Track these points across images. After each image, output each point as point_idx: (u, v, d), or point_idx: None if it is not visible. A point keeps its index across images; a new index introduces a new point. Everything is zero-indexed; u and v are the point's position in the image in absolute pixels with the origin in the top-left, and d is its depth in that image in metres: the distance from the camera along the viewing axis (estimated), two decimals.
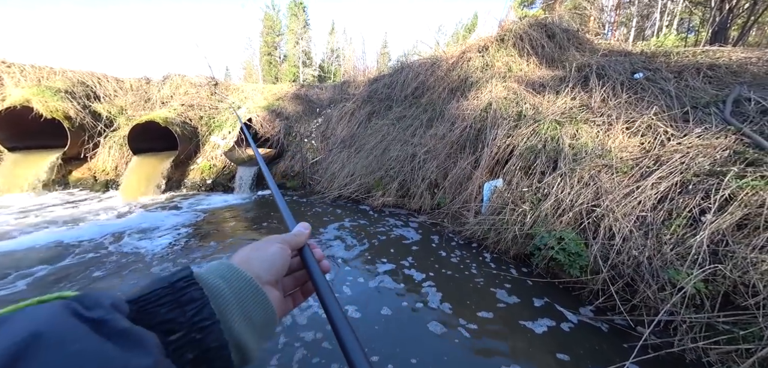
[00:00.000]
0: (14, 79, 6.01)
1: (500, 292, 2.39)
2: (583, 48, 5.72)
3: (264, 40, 33.39)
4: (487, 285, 2.50)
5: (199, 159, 6.32)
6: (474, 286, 2.50)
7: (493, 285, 2.49)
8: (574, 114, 3.82)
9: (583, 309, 2.18)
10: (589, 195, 2.66)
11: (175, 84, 7.46)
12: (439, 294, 2.36)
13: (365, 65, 17.81)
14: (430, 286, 2.48)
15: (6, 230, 3.56)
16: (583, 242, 2.47)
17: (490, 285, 2.51)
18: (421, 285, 2.51)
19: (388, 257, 3.04)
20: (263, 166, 0.66)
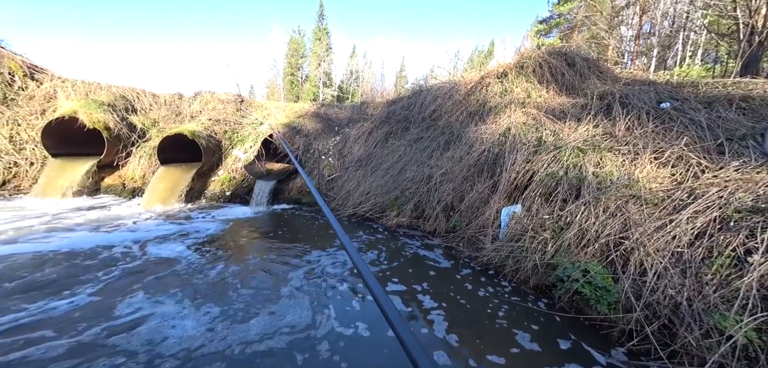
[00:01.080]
0: (66, 92, 6.59)
1: (519, 326, 2.26)
2: (604, 76, 5.65)
3: (288, 61, 35.17)
4: (504, 317, 2.37)
5: (220, 171, 6.56)
6: (489, 317, 2.38)
7: (512, 318, 2.37)
8: (597, 142, 3.72)
9: (614, 351, 2.02)
10: (616, 227, 2.53)
11: (205, 100, 7.91)
12: (446, 323, 2.25)
13: (383, 87, 18.31)
14: (439, 313, 2.38)
15: (36, 232, 3.77)
16: (610, 276, 2.33)
17: (508, 317, 2.38)
18: (430, 311, 2.42)
19: (399, 278, 2.98)
20: (312, 187, 0.67)
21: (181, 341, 1.92)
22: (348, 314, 2.34)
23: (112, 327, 2.03)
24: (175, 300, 2.39)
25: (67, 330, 1.96)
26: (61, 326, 2.00)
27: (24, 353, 1.74)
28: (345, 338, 2.06)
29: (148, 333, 1.98)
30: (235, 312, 2.28)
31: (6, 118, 5.84)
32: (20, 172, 5.64)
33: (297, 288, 2.70)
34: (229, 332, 2.04)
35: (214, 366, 1.74)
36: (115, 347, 1.84)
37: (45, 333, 1.93)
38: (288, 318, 2.25)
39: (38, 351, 1.77)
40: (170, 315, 2.18)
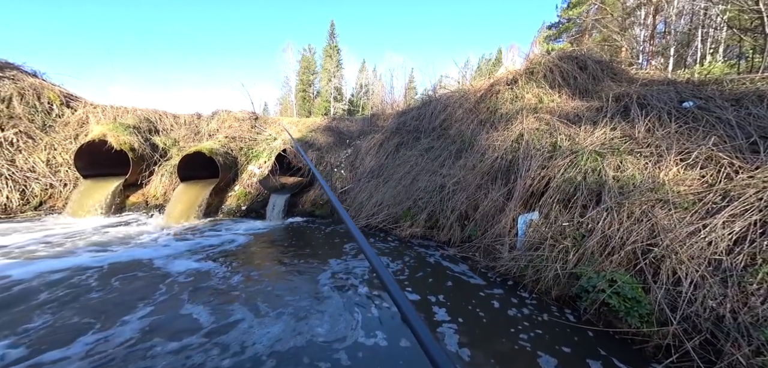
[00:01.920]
0: (96, 117, 7.03)
1: (543, 340, 2.16)
2: (619, 78, 5.51)
3: (300, 78, 36.31)
4: (526, 330, 2.27)
5: (236, 186, 6.74)
6: (510, 330, 2.28)
7: (534, 331, 2.26)
8: (616, 145, 3.60)
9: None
10: (643, 233, 2.40)
11: (222, 118, 8.23)
12: (466, 337, 2.16)
13: (393, 99, 18.52)
14: (456, 326, 2.30)
15: (75, 249, 3.97)
16: (640, 286, 2.20)
17: (530, 329, 2.28)
18: (447, 323, 2.35)
19: (414, 289, 2.92)
20: (331, 196, 0.68)
21: (225, 348, 1.94)
22: (368, 321, 2.32)
23: (185, 335, 2.11)
24: (210, 309, 2.43)
25: (157, 340, 2.06)
26: (147, 337, 2.09)
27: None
28: (364, 347, 2.04)
29: (229, 338, 2.06)
30: (263, 317, 2.31)
31: (44, 143, 6.27)
32: (55, 193, 5.99)
33: (317, 296, 2.76)
34: (263, 334, 2.09)
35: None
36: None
37: (144, 343, 2.02)
38: (312, 322, 2.30)
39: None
40: (212, 322, 2.21)
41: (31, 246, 3.92)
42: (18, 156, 5.86)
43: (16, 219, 5.25)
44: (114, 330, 2.15)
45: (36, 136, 6.25)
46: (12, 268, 3.18)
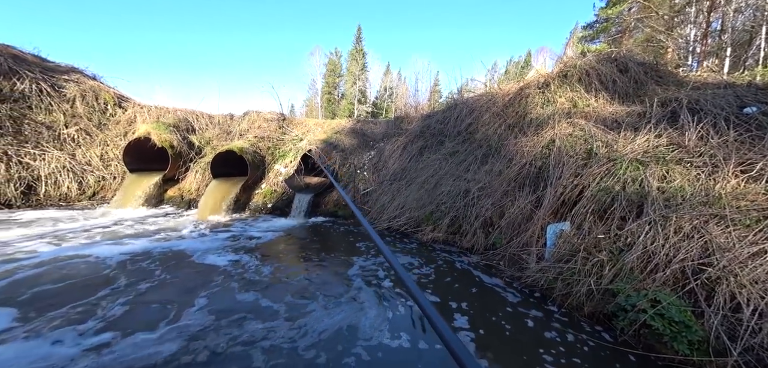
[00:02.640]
0: (143, 117, 7.68)
1: (573, 359, 2.01)
2: (665, 81, 5.07)
3: (326, 81, 37.30)
4: (554, 346, 2.13)
5: (263, 184, 7.03)
6: (538, 346, 2.15)
7: (564, 349, 2.12)
8: (661, 153, 3.31)
9: None
10: (694, 251, 2.17)
11: (252, 119, 8.64)
12: (491, 353, 2.07)
13: (417, 101, 18.43)
14: (481, 338, 2.22)
15: (119, 236, 4.35)
16: (689, 309, 1.98)
17: (559, 347, 2.13)
18: (471, 334, 2.26)
19: (435, 296, 2.86)
20: (349, 201, 0.68)
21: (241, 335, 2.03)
22: (389, 320, 2.32)
23: (244, 319, 2.29)
24: (235, 299, 2.55)
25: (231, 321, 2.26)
26: (218, 320, 2.27)
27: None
28: (384, 346, 2.03)
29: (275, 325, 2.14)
30: (301, 307, 2.39)
31: (99, 139, 6.95)
32: (106, 184, 6.61)
33: (347, 289, 2.89)
34: (292, 328, 2.18)
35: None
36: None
37: (218, 324, 2.22)
38: (337, 318, 2.37)
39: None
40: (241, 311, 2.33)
41: (94, 230, 4.39)
42: (78, 151, 6.54)
43: (74, 206, 5.85)
44: (189, 311, 2.37)
45: (93, 133, 6.94)
46: (83, 249, 3.62)
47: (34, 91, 6.43)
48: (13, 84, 6.20)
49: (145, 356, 1.83)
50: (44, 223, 4.61)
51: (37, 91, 6.48)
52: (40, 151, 5.94)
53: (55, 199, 5.88)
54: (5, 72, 6.19)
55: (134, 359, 1.80)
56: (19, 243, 3.69)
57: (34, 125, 6.16)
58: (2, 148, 5.48)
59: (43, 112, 6.45)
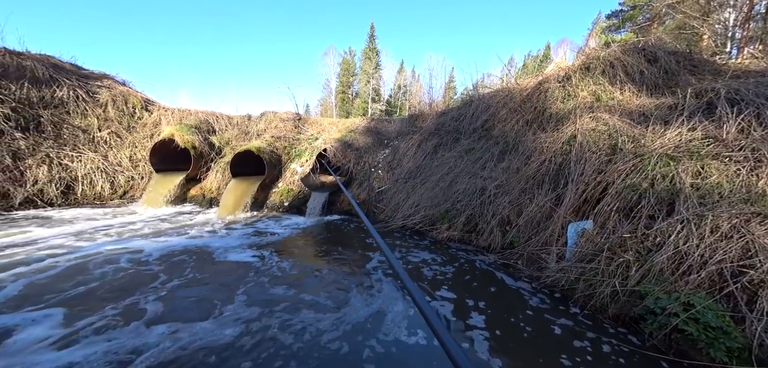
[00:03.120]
0: (167, 119, 8.06)
1: (599, 364, 1.93)
2: (701, 70, 4.74)
3: (340, 80, 37.65)
4: (578, 350, 2.05)
5: (280, 183, 7.19)
6: (559, 349, 2.08)
7: (588, 353, 2.03)
8: (694, 148, 3.10)
9: None
10: (733, 252, 2.02)
11: (268, 119, 8.86)
12: (508, 359, 2.02)
13: (432, 99, 18.24)
14: (498, 341, 2.17)
15: (149, 233, 4.60)
16: (728, 314, 1.85)
17: (583, 351, 2.05)
18: (487, 337, 2.22)
19: (449, 297, 2.82)
20: (355, 204, 0.68)
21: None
22: (408, 317, 2.31)
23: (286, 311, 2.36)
24: (268, 292, 2.64)
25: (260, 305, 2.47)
26: (260, 311, 2.43)
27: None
28: (391, 342, 2.02)
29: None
30: (307, 303, 2.43)
31: (128, 142, 7.36)
32: (135, 184, 7.00)
33: (364, 284, 2.95)
34: (310, 320, 2.26)
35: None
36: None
37: (262, 314, 2.38)
38: (362, 312, 2.43)
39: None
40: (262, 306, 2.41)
41: (129, 227, 4.71)
42: (110, 152, 6.96)
43: (106, 205, 6.24)
44: (233, 302, 2.54)
45: (123, 135, 7.36)
46: (122, 243, 3.94)
47: (72, 98, 6.89)
48: (53, 91, 6.68)
49: (213, 339, 2.01)
50: (85, 221, 4.95)
51: (74, 97, 6.94)
52: (77, 153, 6.37)
53: (91, 198, 6.29)
54: (46, 80, 6.67)
55: (205, 342, 1.98)
56: (66, 240, 3.99)
57: (71, 129, 6.61)
58: (45, 150, 5.92)
59: (80, 116, 6.91)
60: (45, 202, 5.60)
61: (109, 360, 1.78)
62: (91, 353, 1.83)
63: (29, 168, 5.62)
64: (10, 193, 5.27)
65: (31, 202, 5.47)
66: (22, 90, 6.14)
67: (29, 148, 5.77)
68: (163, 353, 1.85)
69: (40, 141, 5.98)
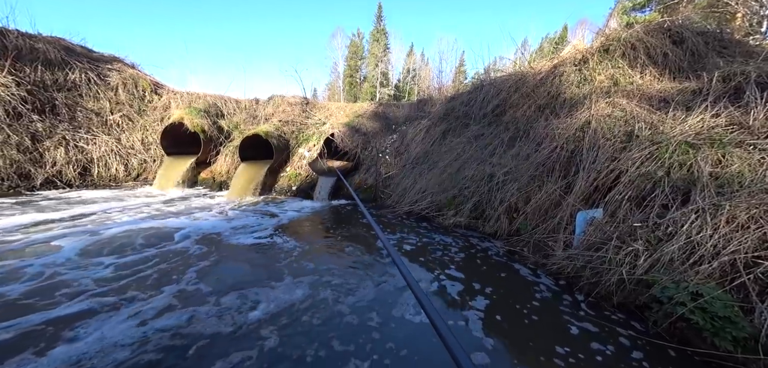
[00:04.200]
0: (177, 102, 8.15)
1: (601, 350, 1.93)
2: (731, 52, 4.46)
3: (348, 63, 37.10)
4: (580, 336, 2.05)
5: (287, 168, 7.27)
6: (561, 332, 2.08)
7: (590, 338, 2.03)
8: (717, 135, 2.95)
9: None
10: (749, 243, 1.95)
11: (276, 103, 8.87)
12: (508, 340, 2.04)
13: (441, 83, 17.83)
14: (500, 325, 2.18)
15: (164, 213, 4.76)
16: (736, 305, 1.81)
17: (585, 336, 2.05)
18: (489, 321, 2.23)
19: (455, 282, 2.84)
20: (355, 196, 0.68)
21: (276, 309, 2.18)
22: (393, 294, 2.35)
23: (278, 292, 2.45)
24: (264, 277, 2.73)
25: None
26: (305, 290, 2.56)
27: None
28: (391, 318, 2.07)
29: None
30: (314, 285, 2.51)
31: (140, 125, 7.51)
32: (147, 167, 7.20)
33: (370, 267, 2.94)
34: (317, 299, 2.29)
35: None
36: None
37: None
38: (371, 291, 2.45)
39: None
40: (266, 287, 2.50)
41: (149, 208, 4.89)
42: (122, 135, 7.13)
43: (122, 187, 6.46)
44: (285, 281, 2.69)
45: (134, 118, 7.51)
46: (145, 222, 4.14)
47: (84, 81, 7.02)
48: (66, 74, 6.80)
49: (287, 297, 2.35)
50: (105, 201, 5.16)
51: (86, 81, 7.07)
52: (92, 136, 6.55)
53: (106, 180, 6.51)
54: (59, 63, 6.79)
55: (279, 301, 2.31)
56: (90, 218, 4.20)
57: (85, 112, 6.77)
58: (61, 133, 6.10)
59: (92, 99, 7.05)
60: (64, 183, 5.83)
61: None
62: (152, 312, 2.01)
63: (47, 150, 5.82)
64: (32, 174, 5.50)
65: (52, 183, 5.70)
66: (37, 73, 6.28)
67: (46, 130, 5.96)
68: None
69: (56, 123, 6.16)
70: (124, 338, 1.82)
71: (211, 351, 1.76)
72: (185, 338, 1.85)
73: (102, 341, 1.78)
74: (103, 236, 3.52)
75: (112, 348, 1.73)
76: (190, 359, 1.69)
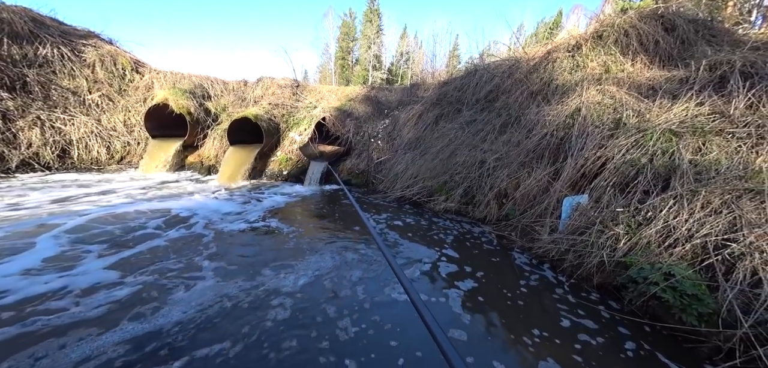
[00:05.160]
0: (160, 82, 7.81)
1: (578, 325, 2.03)
2: (719, 41, 4.53)
3: (340, 45, 36.08)
4: (559, 313, 2.16)
5: (278, 152, 7.14)
6: (542, 312, 2.18)
7: (568, 315, 2.14)
8: (699, 123, 3.04)
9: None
10: (720, 226, 2.05)
11: (266, 85, 8.61)
12: (494, 314, 2.13)
13: (434, 67, 17.57)
14: (484, 304, 2.27)
15: (150, 197, 4.65)
16: (704, 283, 1.92)
17: (564, 313, 2.16)
18: (474, 301, 2.31)
19: (443, 265, 2.91)
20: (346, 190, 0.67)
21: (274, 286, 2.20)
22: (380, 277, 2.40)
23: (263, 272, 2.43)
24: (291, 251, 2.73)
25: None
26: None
27: None
28: (374, 302, 2.13)
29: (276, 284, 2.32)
30: (306, 268, 2.53)
31: (121, 105, 7.19)
32: (131, 150, 6.95)
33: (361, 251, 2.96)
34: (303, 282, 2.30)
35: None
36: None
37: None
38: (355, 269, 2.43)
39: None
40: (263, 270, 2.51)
41: (140, 193, 4.77)
42: (102, 116, 6.82)
43: (105, 171, 6.24)
44: (301, 263, 2.76)
45: (114, 98, 7.17)
46: (139, 204, 4.11)
47: (57, 56, 6.58)
48: (36, 48, 6.36)
49: (290, 282, 2.40)
50: (94, 185, 4.99)
51: (59, 56, 6.63)
52: (69, 116, 6.24)
53: (88, 163, 6.27)
54: (27, 36, 6.33)
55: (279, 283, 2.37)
56: (82, 202, 4.08)
57: (60, 90, 6.40)
58: (35, 112, 5.78)
59: (67, 77, 6.66)
60: (42, 166, 5.59)
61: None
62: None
63: (21, 130, 5.53)
64: (6, 156, 5.24)
65: (29, 166, 5.47)
66: (2, 46, 5.86)
67: (18, 109, 5.63)
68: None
69: (28, 102, 5.81)
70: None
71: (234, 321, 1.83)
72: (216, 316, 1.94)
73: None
74: (83, 220, 3.43)
75: None
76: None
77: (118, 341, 1.68)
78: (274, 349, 1.70)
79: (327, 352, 1.70)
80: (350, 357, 1.67)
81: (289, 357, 1.65)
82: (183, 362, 1.57)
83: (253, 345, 1.72)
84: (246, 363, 1.60)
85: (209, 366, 1.57)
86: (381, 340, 1.81)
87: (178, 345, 1.68)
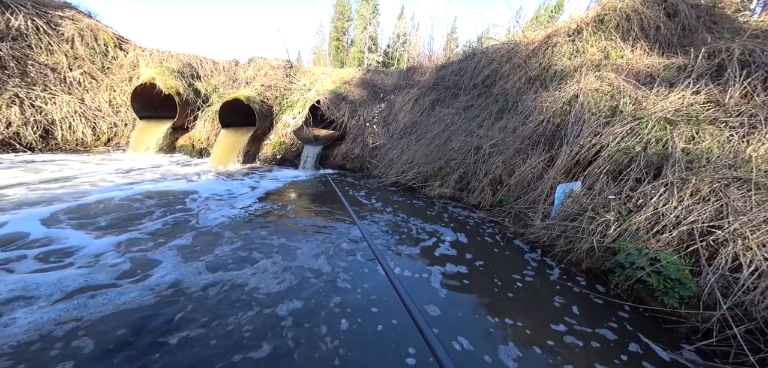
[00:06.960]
0: (145, 60, 7.48)
1: (566, 307, 2.09)
2: (720, 28, 4.48)
3: (334, 25, 34.97)
4: (548, 295, 2.21)
5: (272, 135, 7.01)
6: (531, 293, 2.23)
7: (556, 297, 2.20)
8: (694, 112, 3.04)
9: (683, 348, 1.76)
10: (706, 213, 2.09)
11: (258, 66, 8.34)
12: (486, 297, 2.17)
13: (431, 51, 17.15)
14: (475, 286, 2.30)
15: (142, 180, 4.54)
16: (687, 268, 1.98)
17: (552, 295, 2.22)
18: (467, 283, 2.35)
19: (436, 250, 2.94)
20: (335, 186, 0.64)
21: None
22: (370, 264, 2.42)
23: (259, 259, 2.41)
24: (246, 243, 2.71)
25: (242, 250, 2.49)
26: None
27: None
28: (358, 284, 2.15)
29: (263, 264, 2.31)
30: (292, 252, 2.52)
31: (105, 84, 6.90)
32: (119, 131, 6.72)
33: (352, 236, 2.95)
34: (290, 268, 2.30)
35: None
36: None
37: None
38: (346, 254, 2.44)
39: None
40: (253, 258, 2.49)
41: (129, 175, 4.67)
42: (86, 95, 6.53)
43: (92, 152, 6.06)
44: (298, 244, 2.76)
45: (98, 77, 6.86)
46: (141, 186, 4.11)
47: (31, 28, 6.20)
48: (7, 19, 5.97)
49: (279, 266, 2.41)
50: (85, 167, 4.86)
51: (34, 28, 6.24)
52: (50, 95, 5.95)
53: (73, 144, 6.06)
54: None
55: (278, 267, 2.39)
56: (82, 183, 3.99)
57: (38, 67, 6.08)
58: (12, 89, 5.48)
59: (44, 52, 6.31)
60: (24, 146, 5.39)
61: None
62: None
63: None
64: None
65: (9, 145, 5.26)
66: None
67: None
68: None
69: (4, 78, 5.51)
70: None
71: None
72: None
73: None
74: (74, 204, 3.34)
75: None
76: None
77: (103, 315, 1.67)
78: (271, 320, 1.74)
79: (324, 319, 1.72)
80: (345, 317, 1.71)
81: (288, 328, 1.68)
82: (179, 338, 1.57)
83: (249, 320, 1.72)
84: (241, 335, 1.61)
85: (210, 335, 1.58)
86: (364, 305, 1.93)
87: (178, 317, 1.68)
